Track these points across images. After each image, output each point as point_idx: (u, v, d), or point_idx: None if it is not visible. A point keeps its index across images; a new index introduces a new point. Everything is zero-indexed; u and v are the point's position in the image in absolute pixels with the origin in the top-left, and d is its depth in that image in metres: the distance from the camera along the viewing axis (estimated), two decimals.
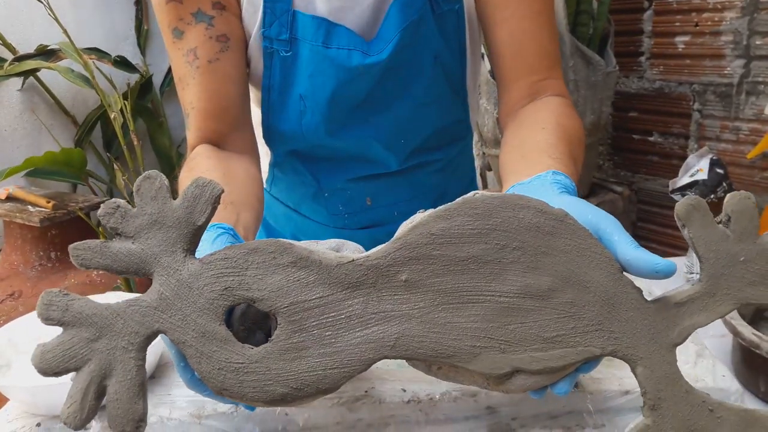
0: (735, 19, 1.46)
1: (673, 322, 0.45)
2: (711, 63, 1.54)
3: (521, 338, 0.44)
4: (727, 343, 0.71)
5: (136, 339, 0.44)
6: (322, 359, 0.44)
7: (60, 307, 0.44)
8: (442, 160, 0.86)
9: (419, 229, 0.45)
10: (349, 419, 0.55)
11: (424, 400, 0.55)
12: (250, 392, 0.43)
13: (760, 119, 1.47)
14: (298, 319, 0.44)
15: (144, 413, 0.43)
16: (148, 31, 2.15)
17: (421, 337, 0.44)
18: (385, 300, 0.45)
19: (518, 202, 0.46)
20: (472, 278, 0.45)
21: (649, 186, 1.78)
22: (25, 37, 1.87)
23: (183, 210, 0.46)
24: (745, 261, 0.46)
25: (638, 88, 1.72)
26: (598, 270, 0.45)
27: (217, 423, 0.54)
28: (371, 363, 0.44)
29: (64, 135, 1.98)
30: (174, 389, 0.58)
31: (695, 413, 0.44)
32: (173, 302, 0.44)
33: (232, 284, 0.44)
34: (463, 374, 0.46)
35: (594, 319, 0.45)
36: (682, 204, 0.47)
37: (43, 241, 1.65)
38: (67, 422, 0.42)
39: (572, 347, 0.44)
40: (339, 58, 0.72)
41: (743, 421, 0.44)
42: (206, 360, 0.43)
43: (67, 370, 0.43)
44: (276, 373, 0.43)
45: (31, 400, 0.54)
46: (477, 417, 0.55)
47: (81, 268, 0.45)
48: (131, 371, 0.43)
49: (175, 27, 0.72)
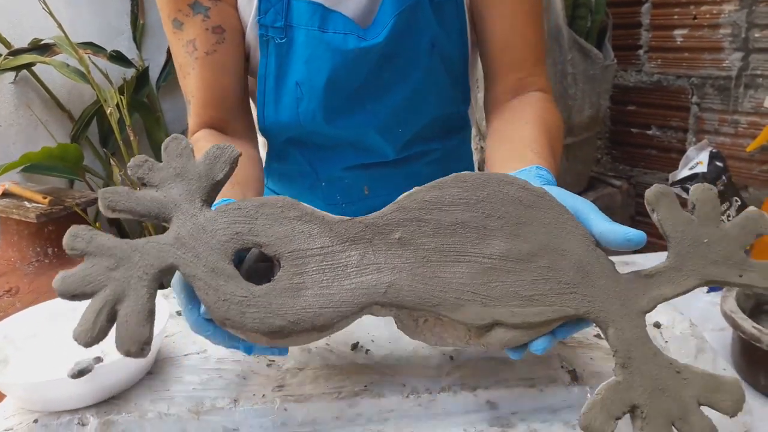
0: (733, 12, 1.46)
1: (643, 292, 0.49)
2: (709, 56, 1.54)
3: (502, 295, 0.49)
4: (727, 337, 0.70)
5: (151, 270, 0.47)
6: (318, 299, 0.47)
7: (84, 239, 0.47)
8: (440, 150, 0.86)
9: (414, 195, 0.52)
10: (349, 414, 0.54)
11: (424, 395, 0.55)
12: (251, 323, 0.46)
13: (758, 112, 1.47)
14: (299, 264, 0.48)
15: (149, 338, 0.45)
16: (143, 25, 2.14)
17: (410, 287, 0.48)
18: (379, 254, 0.49)
19: (504, 179, 0.52)
20: (458, 240, 0.50)
21: (648, 180, 1.78)
22: (19, 32, 1.86)
23: (204, 166, 0.52)
24: (709, 243, 0.51)
25: (636, 81, 1.72)
26: (574, 241, 0.51)
27: (215, 418, 0.54)
28: (363, 307, 0.48)
29: (60, 130, 1.97)
30: (172, 385, 0.57)
31: (663, 373, 0.47)
32: (188, 241, 0.48)
33: (243, 230, 0.49)
34: (447, 329, 0.50)
35: (569, 283, 0.49)
36: (651, 191, 0.52)
37: (40, 237, 1.64)
38: (78, 339, 0.45)
39: (548, 306, 0.48)
40: (335, 41, 0.73)
41: (708, 385, 0.47)
42: (213, 291, 0.47)
43: (84, 293, 0.46)
44: (276, 307, 0.47)
45: (28, 396, 0.54)
46: (477, 411, 0.54)
47: (107, 212, 0.49)
48: (143, 298, 0.46)
49: (175, 18, 0.74)
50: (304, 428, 0.54)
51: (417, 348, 0.62)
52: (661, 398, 0.46)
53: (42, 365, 0.60)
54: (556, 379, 0.56)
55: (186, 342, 0.64)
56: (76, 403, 0.54)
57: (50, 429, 0.54)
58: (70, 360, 0.55)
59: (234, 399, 0.55)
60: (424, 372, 0.58)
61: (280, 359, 0.61)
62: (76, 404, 0.54)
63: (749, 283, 0.51)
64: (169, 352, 0.63)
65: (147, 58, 2.15)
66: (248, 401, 0.55)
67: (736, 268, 0.51)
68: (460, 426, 0.54)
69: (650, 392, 0.46)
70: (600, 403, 0.46)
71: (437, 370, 0.58)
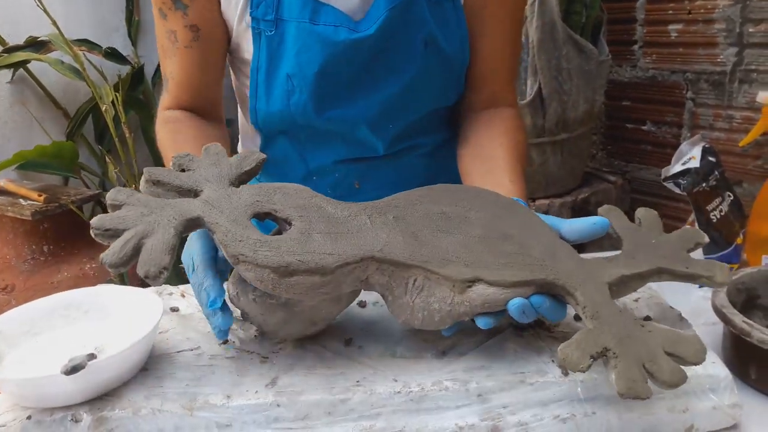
0: (728, 7, 1.46)
1: (604, 269, 0.57)
2: (704, 51, 1.54)
3: (482, 261, 0.56)
4: (718, 331, 0.71)
5: (180, 217, 0.53)
6: (324, 248, 0.54)
7: (126, 193, 0.55)
8: (430, 145, 0.87)
9: (405, 193, 0.62)
10: (341, 409, 0.55)
11: (415, 390, 0.55)
12: (262, 259, 0.51)
13: (752, 107, 1.47)
14: (308, 225, 0.55)
15: (169, 266, 0.51)
16: (138, 22, 2.13)
17: (403, 248, 0.56)
18: (377, 226, 0.57)
19: (482, 190, 0.65)
20: (444, 223, 0.59)
21: (643, 175, 1.78)
22: (14, 29, 1.86)
23: (236, 159, 0.60)
24: (656, 244, 0.61)
25: (631, 76, 1.72)
26: (542, 233, 0.60)
27: (208, 414, 0.54)
28: (362, 258, 0.54)
29: (56, 128, 1.97)
30: (166, 381, 0.58)
31: (629, 325, 0.53)
32: (214, 203, 0.55)
33: (261, 200, 0.57)
34: (434, 291, 0.55)
35: (539, 259, 0.57)
36: (602, 207, 0.64)
37: (35, 235, 1.64)
38: (104, 261, 0.51)
39: (522, 271, 0.55)
40: (326, 33, 0.73)
41: (670, 337, 0.53)
42: (231, 234, 0.53)
43: (116, 230, 0.52)
44: (285, 249, 0.53)
45: (22, 392, 0.54)
46: (468, 405, 0.55)
47: (146, 184, 0.57)
48: (168, 234, 0.52)
49: (160, 8, 0.78)
50: (297, 424, 0.54)
51: (409, 343, 0.62)
52: (629, 343, 0.51)
53: (36, 362, 0.60)
54: (547, 373, 0.56)
55: (180, 338, 0.65)
56: (70, 400, 0.54)
57: (43, 425, 0.54)
58: (64, 357, 0.55)
59: (227, 395, 0.55)
60: (416, 367, 0.58)
61: (273, 356, 0.61)
62: (69, 401, 0.54)
63: (694, 272, 0.58)
64: (162, 348, 0.63)
65: (142, 55, 2.15)
66: (241, 397, 0.55)
67: (682, 262, 0.59)
68: (451, 420, 0.54)
69: (620, 338, 0.51)
70: (575, 343, 0.51)
71: (429, 365, 0.58)
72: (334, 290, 0.55)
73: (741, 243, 0.90)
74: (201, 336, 0.65)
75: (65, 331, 0.64)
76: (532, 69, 1.51)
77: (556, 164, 1.53)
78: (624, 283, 0.57)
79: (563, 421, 0.54)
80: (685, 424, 0.55)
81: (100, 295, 0.67)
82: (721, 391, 0.56)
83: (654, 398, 0.55)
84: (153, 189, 0.57)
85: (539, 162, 1.53)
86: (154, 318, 0.59)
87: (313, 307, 0.58)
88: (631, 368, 0.50)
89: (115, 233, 0.51)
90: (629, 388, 0.49)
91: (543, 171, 1.54)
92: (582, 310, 0.54)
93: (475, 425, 0.54)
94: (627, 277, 0.57)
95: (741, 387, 0.64)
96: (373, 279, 0.56)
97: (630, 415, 0.55)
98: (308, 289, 0.54)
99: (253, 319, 0.60)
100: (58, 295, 0.66)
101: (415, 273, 0.56)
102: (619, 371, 0.49)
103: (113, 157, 1.79)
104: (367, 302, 0.70)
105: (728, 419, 0.56)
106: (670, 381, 0.50)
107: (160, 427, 0.54)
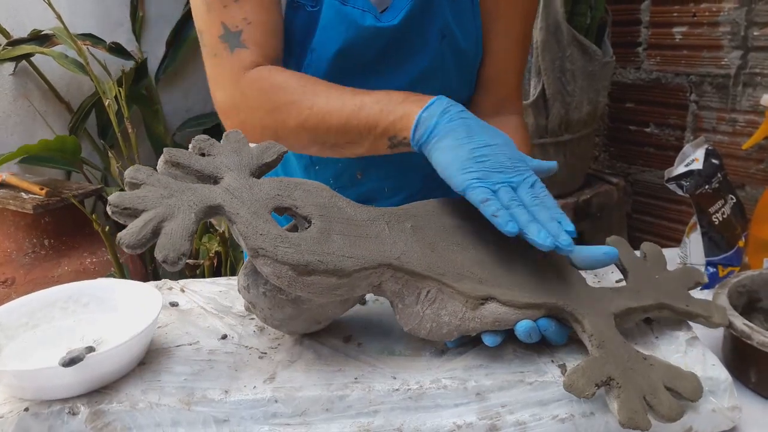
0: (733, 10, 1.45)
1: (610, 300, 0.59)
2: (708, 54, 1.53)
3: (495, 280, 0.57)
4: (718, 334, 0.71)
5: (200, 204, 0.52)
6: (343, 250, 0.54)
7: (146, 172, 0.53)
8: None
9: (420, 203, 0.63)
10: (339, 406, 0.54)
11: (414, 388, 0.55)
12: (282, 255, 0.51)
13: (756, 111, 1.47)
14: (328, 225, 0.55)
15: (188, 252, 0.50)
16: (143, 17, 2.13)
17: (419, 258, 0.56)
18: (395, 233, 0.58)
19: None
20: (459, 238, 0.60)
21: (645, 177, 1.78)
22: (18, 22, 1.85)
23: (257, 150, 0.59)
24: (660, 279, 0.64)
25: (635, 78, 1.72)
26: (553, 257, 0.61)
27: (206, 409, 0.54)
28: (380, 264, 0.54)
29: (59, 122, 1.97)
30: (163, 376, 0.58)
31: (631, 357, 0.54)
32: (235, 192, 0.54)
33: (282, 194, 0.56)
34: (446, 304, 0.56)
35: (551, 284, 0.58)
36: (611, 238, 0.67)
37: (37, 229, 1.64)
38: (122, 241, 0.49)
39: (534, 293, 0.57)
40: (353, 15, 0.74)
41: (670, 372, 0.54)
42: (252, 227, 0.52)
43: (135, 209, 0.51)
44: (306, 248, 0.52)
45: (19, 384, 0.54)
46: (466, 404, 0.55)
47: (166, 165, 0.55)
48: (189, 220, 0.51)
49: None
50: (295, 420, 0.54)
51: (409, 341, 0.62)
52: (632, 375, 0.53)
53: (34, 354, 0.60)
54: (546, 373, 0.56)
55: (178, 333, 0.65)
56: (67, 392, 0.54)
57: (41, 418, 0.54)
58: (63, 349, 0.55)
59: (225, 390, 0.55)
60: (415, 365, 0.58)
61: (272, 352, 0.61)
62: (67, 393, 0.54)
63: (693, 311, 0.61)
64: (161, 343, 0.63)
65: (146, 50, 2.15)
66: (239, 392, 0.55)
67: (683, 300, 0.62)
68: (449, 418, 0.54)
69: (623, 369, 0.53)
70: (581, 370, 0.52)
71: (428, 363, 0.58)
72: (347, 293, 0.55)
73: (743, 246, 0.89)
74: (200, 331, 0.65)
75: (64, 323, 0.64)
76: (536, 69, 1.50)
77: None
78: (628, 314, 0.60)
79: (562, 421, 0.54)
80: (684, 426, 0.55)
81: (100, 288, 0.67)
82: (720, 394, 0.56)
83: None
84: (171, 170, 0.56)
85: None
86: (153, 312, 0.59)
87: (321, 306, 0.58)
88: (633, 399, 0.51)
89: (134, 213, 0.50)
90: (630, 419, 0.50)
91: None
92: (588, 338, 0.56)
93: (473, 424, 0.54)
94: (632, 309, 0.60)
95: (741, 390, 0.64)
96: (386, 285, 0.56)
97: None
98: (324, 290, 0.54)
99: (258, 312, 0.60)
100: (57, 288, 0.66)
101: (429, 284, 0.56)
102: (621, 401, 0.51)
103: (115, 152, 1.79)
104: (367, 300, 0.70)
105: (727, 422, 0.56)
106: (668, 415, 0.51)
107: (157, 421, 0.54)
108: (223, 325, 0.66)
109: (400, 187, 0.87)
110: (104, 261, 1.68)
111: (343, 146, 0.71)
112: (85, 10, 2.00)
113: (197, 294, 0.73)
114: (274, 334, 0.64)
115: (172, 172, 0.55)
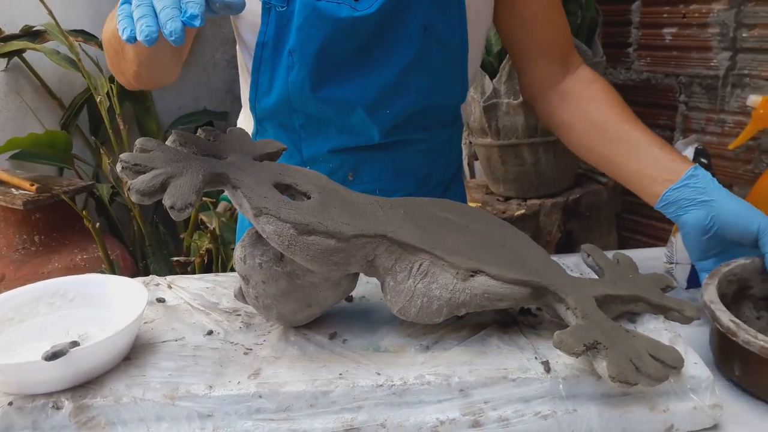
0: (722, 11, 1.46)
1: (590, 285, 0.62)
2: (698, 55, 1.54)
3: (484, 259, 0.60)
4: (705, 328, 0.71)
5: (207, 170, 0.55)
6: (341, 219, 0.57)
7: (155, 142, 0.56)
8: (427, 142, 0.87)
9: (411, 198, 0.67)
10: (323, 402, 0.55)
11: (398, 384, 0.55)
12: (285, 215, 0.54)
13: (744, 112, 1.48)
14: (326, 200, 0.58)
15: (194, 203, 0.52)
16: None
17: (412, 233, 0.59)
18: (388, 215, 0.61)
19: (482, 211, 0.71)
20: (448, 227, 0.63)
21: None
22: (10, 18, 1.85)
23: (260, 142, 0.63)
24: (633, 278, 0.67)
25: (625, 79, 1.73)
26: (535, 249, 0.66)
27: (190, 404, 0.54)
28: (374, 235, 0.57)
29: (51, 118, 1.96)
30: (148, 371, 0.58)
31: (614, 329, 0.56)
32: (240, 166, 0.58)
33: (284, 173, 0.60)
34: (437, 277, 0.58)
35: (534, 267, 0.61)
36: (586, 245, 0.72)
37: (27, 225, 1.63)
38: (132, 186, 0.51)
39: (520, 273, 0.59)
40: (328, 9, 0.74)
41: (653, 344, 0.56)
42: (256, 192, 0.55)
43: (144, 167, 0.53)
44: (306, 212, 0.55)
45: (4, 378, 0.54)
46: (450, 400, 0.55)
47: (173, 143, 0.58)
48: (196, 178, 0.54)
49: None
50: (279, 415, 0.55)
51: (393, 338, 0.62)
52: (617, 341, 0.55)
53: (19, 348, 0.60)
54: (529, 370, 0.56)
55: (164, 329, 0.65)
56: (51, 387, 0.54)
57: (25, 412, 0.54)
58: (48, 344, 0.55)
59: (209, 385, 0.55)
60: (399, 361, 0.58)
61: (258, 348, 0.61)
62: (51, 388, 0.54)
63: (667, 305, 0.64)
64: (146, 338, 0.63)
65: None
66: (223, 388, 0.55)
67: (657, 296, 0.65)
68: (432, 414, 0.54)
69: (608, 336, 0.55)
70: (569, 332, 0.54)
71: (412, 360, 0.59)
72: (343, 261, 0.57)
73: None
74: (186, 327, 0.65)
75: (50, 318, 0.64)
76: None
77: (549, 165, 1.53)
78: (606, 302, 0.62)
79: (544, 417, 0.54)
80: (665, 424, 0.56)
81: (86, 283, 0.67)
82: (702, 392, 0.56)
83: (635, 397, 0.56)
84: (179, 149, 0.59)
85: (531, 162, 1.53)
86: (138, 308, 0.59)
87: (314, 284, 0.59)
88: (621, 358, 0.53)
89: (143, 170, 0.53)
90: (619, 373, 0.52)
91: (535, 171, 1.54)
92: (573, 311, 0.58)
93: (456, 420, 0.54)
94: (610, 296, 0.62)
95: (725, 384, 0.65)
96: (379, 261, 0.59)
97: (611, 414, 0.55)
98: (321, 253, 0.55)
99: (251, 289, 0.60)
100: (43, 283, 0.66)
101: (422, 257, 0.58)
102: (610, 360, 0.53)
103: (107, 149, 1.78)
104: (353, 297, 0.70)
105: (708, 420, 0.56)
106: (655, 375, 0.53)
107: (141, 416, 0.54)
108: (210, 321, 0.66)
109: (393, 190, 0.87)
110: (95, 258, 1.68)
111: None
112: (77, 7, 1.99)
113: (184, 290, 0.73)
114: (259, 331, 0.65)
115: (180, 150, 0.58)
